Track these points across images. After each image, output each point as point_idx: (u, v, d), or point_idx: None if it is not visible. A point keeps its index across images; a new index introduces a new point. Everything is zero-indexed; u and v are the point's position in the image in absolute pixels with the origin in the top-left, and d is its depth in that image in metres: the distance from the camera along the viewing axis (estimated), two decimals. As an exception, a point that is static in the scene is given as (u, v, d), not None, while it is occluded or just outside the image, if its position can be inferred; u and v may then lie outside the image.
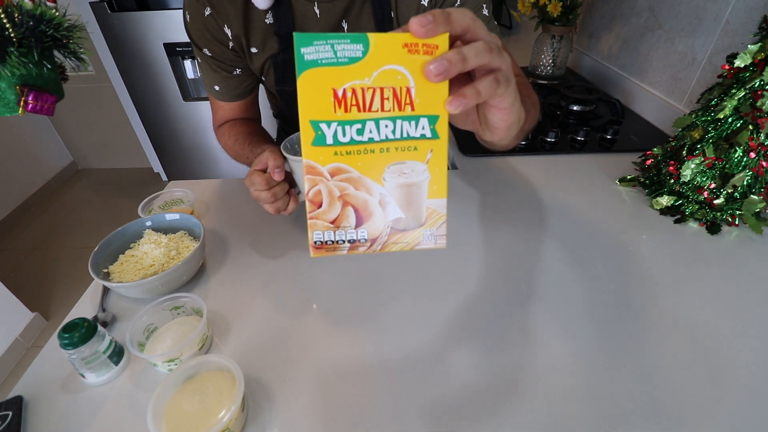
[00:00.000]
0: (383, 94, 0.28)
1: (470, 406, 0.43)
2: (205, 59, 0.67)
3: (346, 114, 0.28)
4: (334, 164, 0.29)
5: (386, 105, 0.28)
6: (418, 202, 0.31)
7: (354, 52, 0.27)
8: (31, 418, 0.44)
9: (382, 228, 0.31)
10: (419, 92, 0.28)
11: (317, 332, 0.52)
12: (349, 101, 0.28)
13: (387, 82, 0.27)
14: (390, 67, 0.27)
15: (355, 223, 0.31)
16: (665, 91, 0.99)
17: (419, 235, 0.31)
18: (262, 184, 0.52)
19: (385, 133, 0.29)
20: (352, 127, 0.28)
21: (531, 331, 0.51)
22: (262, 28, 0.64)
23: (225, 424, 0.38)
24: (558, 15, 1.17)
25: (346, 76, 0.27)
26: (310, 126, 0.28)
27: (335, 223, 0.31)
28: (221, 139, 0.76)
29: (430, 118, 0.29)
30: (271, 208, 0.55)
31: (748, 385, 0.44)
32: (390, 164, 0.29)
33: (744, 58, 0.60)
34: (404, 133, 0.29)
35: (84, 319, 0.45)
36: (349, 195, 0.30)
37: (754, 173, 0.62)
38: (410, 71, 0.27)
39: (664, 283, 0.57)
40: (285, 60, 0.66)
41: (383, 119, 0.28)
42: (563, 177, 0.80)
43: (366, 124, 0.28)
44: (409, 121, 0.28)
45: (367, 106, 0.28)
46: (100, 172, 2.74)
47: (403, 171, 0.30)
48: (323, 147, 0.29)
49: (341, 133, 0.28)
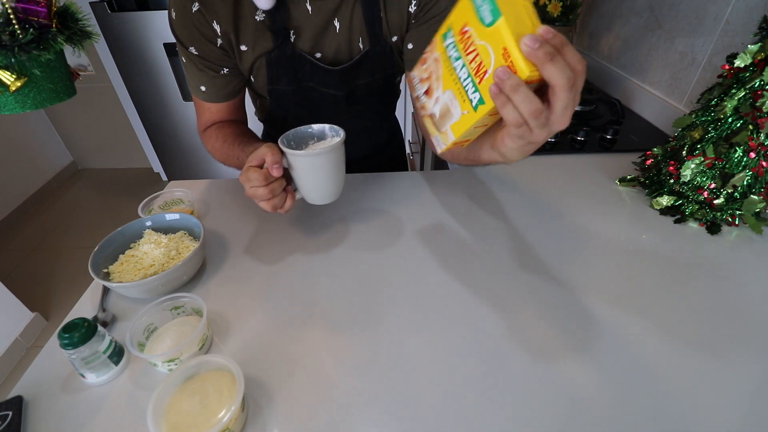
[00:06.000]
0: (476, 57, 0.36)
1: (471, 406, 0.43)
2: (191, 59, 0.65)
3: (459, 42, 0.38)
4: (438, 54, 0.42)
5: (472, 64, 0.37)
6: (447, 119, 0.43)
7: (486, 17, 0.34)
8: (31, 418, 0.44)
9: (429, 107, 0.46)
10: (488, 80, 0.35)
11: (317, 332, 0.52)
12: (465, 38, 0.37)
13: (482, 52, 0.35)
14: (489, 47, 0.35)
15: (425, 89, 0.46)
16: (665, 91, 0.99)
17: (435, 133, 0.46)
18: (259, 180, 0.51)
19: (461, 74, 0.39)
20: (455, 50, 0.39)
21: (530, 331, 0.51)
22: (252, 25, 0.63)
23: (225, 424, 0.38)
24: (558, 15, 1.17)
25: (473, 24, 0.36)
26: (446, 26, 0.40)
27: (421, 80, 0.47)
28: (207, 143, 0.74)
29: (481, 98, 0.37)
30: (268, 205, 0.53)
31: (748, 385, 0.44)
32: (450, 90, 0.41)
33: (744, 58, 0.60)
34: (466, 86, 0.38)
35: (84, 319, 0.45)
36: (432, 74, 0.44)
37: (754, 173, 0.62)
38: (495, 63, 0.34)
39: (664, 283, 0.57)
40: (279, 57, 0.65)
41: (465, 67, 0.38)
42: (563, 177, 0.80)
43: (459, 59, 0.39)
44: (473, 86, 0.38)
45: (466, 51, 0.37)
46: (100, 172, 2.75)
47: (452, 100, 0.41)
48: (442, 42, 0.41)
49: (451, 47, 0.39)
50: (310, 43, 0.66)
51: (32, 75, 0.44)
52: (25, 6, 0.41)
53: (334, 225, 0.70)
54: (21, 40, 0.40)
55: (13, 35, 0.40)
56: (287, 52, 0.65)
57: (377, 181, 0.80)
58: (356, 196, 0.76)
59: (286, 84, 0.69)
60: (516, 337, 0.50)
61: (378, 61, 0.70)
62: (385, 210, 0.73)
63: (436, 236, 0.66)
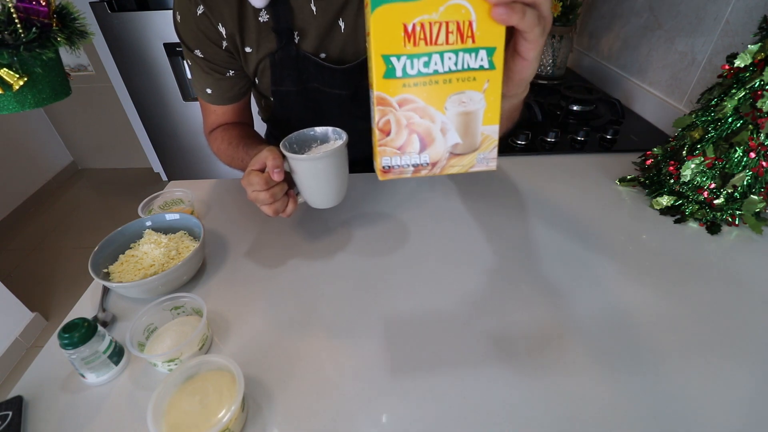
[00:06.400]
0: (448, 27, 0.30)
1: (471, 406, 0.43)
2: (197, 61, 0.66)
3: (414, 48, 0.31)
4: (402, 95, 0.32)
5: (450, 38, 0.31)
6: (474, 128, 0.34)
7: None
8: (31, 418, 0.44)
9: (442, 153, 0.35)
10: (479, 25, 0.30)
11: (318, 332, 0.52)
12: (417, 35, 0.30)
13: (452, 16, 0.30)
14: (455, 1, 0.29)
15: (419, 148, 0.35)
16: (665, 91, 0.99)
17: (474, 158, 0.36)
18: (260, 185, 0.51)
19: (448, 65, 0.31)
20: (420, 59, 0.31)
21: (531, 331, 0.51)
22: (256, 26, 0.63)
23: (225, 424, 0.38)
24: (558, 15, 1.17)
25: (415, 12, 0.29)
26: (381, 60, 0.31)
27: (401, 149, 0.35)
28: (213, 145, 0.75)
29: (488, 50, 0.31)
30: (269, 209, 0.53)
31: (748, 385, 0.44)
32: (451, 94, 0.33)
33: (744, 58, 0.60)
34: (465, 65, 0.32)
35: (84, 319, 0.45)
36: (414, 123, 0.33)
37: (754, 173, 0.62)
38: (472, 5, 0.30)
39: (664, 283, 0.57)
40: (283, 57, 0.65)
41: (447, 52, 0.31)
42: (563, 177, 0.80)
43: (432, 57, 0.31)
44: (470, 53, 0.31)
45: (433, 39, 0.30)
46: (100, 172, 2.74)
47: (462, 100, 0.33)
48: (393, 79, 0.32)
49: (409, 66, 0.31)
50: (315, 44, 0.65)
51: (34, 74, 0.44)
52: (26, 5, 0.41)
53: (335, 225, 0.70)
54: (23, 39, 0.41)
55: (15, 34, 0.41)
56: (291, 53, 0.65)
57: (379, 181, 0.80)
58: (358, 196, 0.76)
59: (290, 85, 0.69)
60: (516, 338, 0.50)
61: None
62: (387, 211, 0.73)
63: (436, 237, 0.66)
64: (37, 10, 0.42)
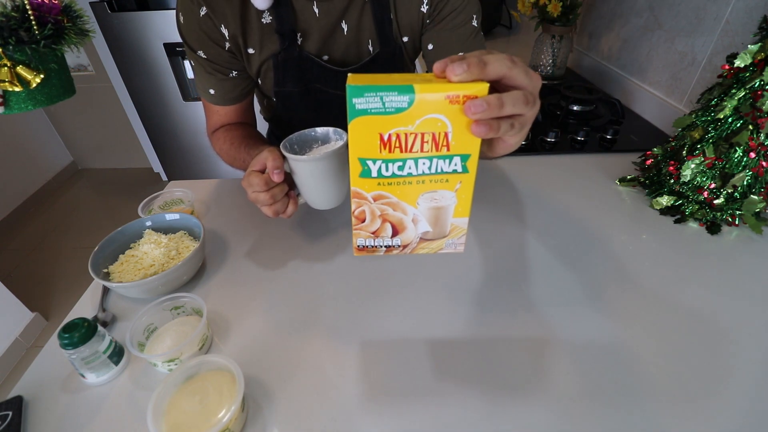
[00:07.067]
0: (423, 138, 0.31)
1: (471, 407, 0.43)
2: (200, 62, 0.66)
3: (389, 154, 0.32)
4: (376, 192, 0.34)
5: (425, 147, 0.32)
6: (444, 220, 0.37)
7: (400, 103, 0.30)
8: (31, 418, 0.44)
9: (412, 238, 0.38)
10: (456, 136, 0.31)
11: (318, 332, 0.52)
12: (393, 144, 0.32)
13: (428, 128, 0.31)
14: (432, 116, 0.30)
15: (391, 233, 0.37)
16: (665, 91, 0.99)
17: (443, 243, 0.38)
18: (260, 186, 0.50)
19: (422, 168, 0.33)
20: (394, 164, 0.33)
21: (530, 333, 0.51)
22: (259, 28, 0.63)
23: (225, 424, 0.38)
24: (558, 15, 1.17)
25: (391, 124, 0.31)
26: (358, 162, 0.33)
27: (375, 234, 0.37)
28: (216, 145, 0.74)
29: (462, 156, 0.32)
30: (270, 210, 0.53)
31: (748, 385, 0.44)
32: (424, 192, 0.34)
33: (744, 58, 0.60)
34: (439, 169, 0.33)
35: (84, 319, 0.45)
36: (387, 214, 0.36)
37: (754, 173, 0.62)
38: (449, 119, 0.30)
39: (664, 283, 0.57)
40: (286, 59, 0.66)
41: (422, 158, 0.32)
42: (563, 177, 0.80)
43: (406, 162, 0.33)
44: (444, 159, 0.32)
45: (408, 148, 0.32)
46: (100, 172, 2.74)
47: (435, 197, 0.35)
48: (368, 179, 0.34)
49: (384, 169, 0.33)
50: (318, 46, 0.66)
51: (50, 70, 0.45)
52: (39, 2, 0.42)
53: (335, 226, 0.70)
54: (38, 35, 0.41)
55: (29, 31, 0.41)
56: (294, 54, 0.65)
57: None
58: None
59: (293, 86, 0.69)
60: (516, 339, 0.50)
61: (387, 64, 0.70)
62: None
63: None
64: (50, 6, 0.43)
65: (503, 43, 1.74)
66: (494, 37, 1.82)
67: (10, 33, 0.40)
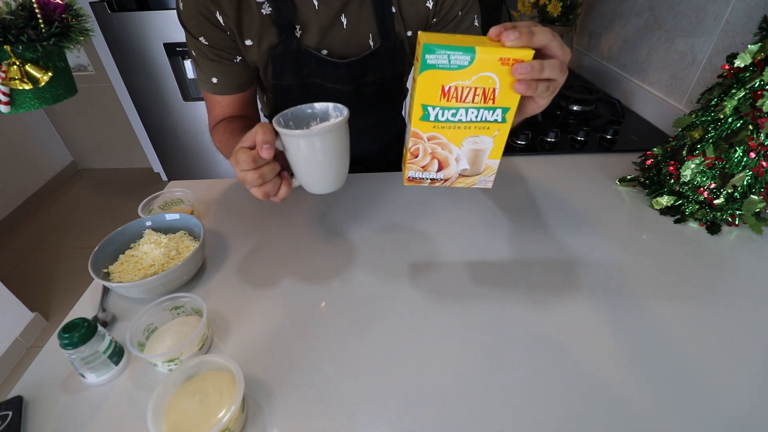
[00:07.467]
0: (476, 91, 0.38)
1: (471, 407, 0.43)
2: (202, 50, 0.64)
3: (447, 102, 0.39)
4: (431, 133, 0.41)
5: (476, 99, 0.39)
6: (481, 160, 0.44)
7: (463, 61, 0.36)
8: (31, 418, 0.44)
9: (453, 173, 0.45)
10: (501, 91, 0.38)
11: (318, 332, 0.52)
12: (451, 94, 0.38)
13: (480, 84, 0.38)
14: (485, 74, 0.37)
15: (437, 168, 0.45)
16: (665, 91, 0.99)
17: (476, 180, 0.46)
18: (248, 163, 0.45)
19: (470, 116, 0.40)
20: (449, 111, 0.40)
21: (531, 332, 0.51)
22: (258, 19, 0.62)
23: (225, 424, 0.38)
24: (558, 15, 1.17)
25: (453, 78, 0.37)
26: (420, 107, 0.39)
27: (424, 168, 0.45)
28: (215, 137, 0.71)
29: (503, 109, 0.40)
30: (259, 192, 0.48)
31: (748, 385, 0.44)
32: (468, 136, 0.42)
33: (744, 58, 0.60)
34: (483, 118, 0.40)
35: (84, 319, 0.45)
36: (437, 152, 0.43)
37: (754, 173, 0.62)
38: (499, 77, 0.37)
39: (664, 283, 0.57)
40: (284, 52, 0.64)
41: (472, 108, 0.39)
42: (563, 177, 0.80)
43: (459, 110, 0.40)
44: (489, 110, 0.40)
45: (462, 98, 0.39)
46: (100, 172, 2.74)
47: (476, 141, 0.42)
48: (426, 122, 0.40)
49: (440, 114, 0.40)
50: (317, 39, 0.65)
51: (57, 68, 0.45)
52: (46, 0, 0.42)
53: (335, 224, 0.70)
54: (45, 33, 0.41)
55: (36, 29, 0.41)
56: (292, 47, 0.64)
57: (383, 181, 0.80)
58: (360, 195, 0.76)
59: (290, 79, 0.69)
60: (516, 338, 0.50)
61: (388, 58, 0.69)
62: (389, 211, 0.73)
63: (437, 237, 0.66)
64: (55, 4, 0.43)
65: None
66: (494, 37, 1.81)
67: (18, 31, 0.40)
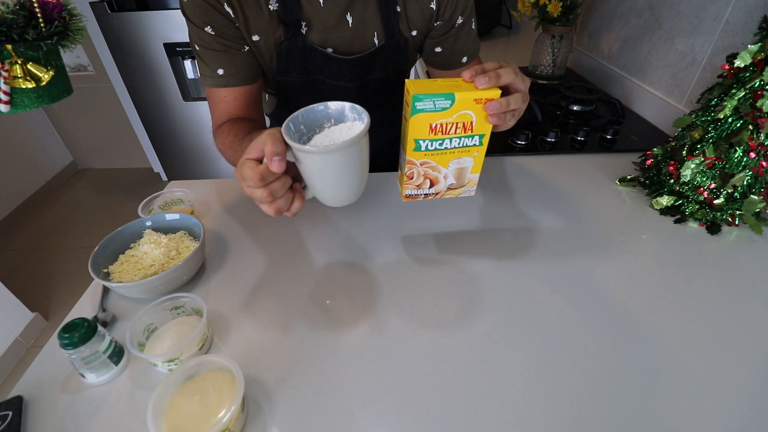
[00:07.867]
0: (457, 125, 0.47)
1: (472, 406, 0.43)
2: (207, 41, 0.61)
3: (434, 136, 0.47)
4: (423, 159, 0.50)
5: (458, 131, 0.47)
6: (464, 176, 0.53)
7: (445, 104, 0.44)
8: (31, 418, 0.44)
9: (442, 188, 0.54)
10: (477, 123, 0.47)
11: (318, 332, 0.52)
12: (437, 130, 0.46)
13: (460, 119, 0.46)
14: (464, 111, 0.45)
15: (429, 186, 0.53)
16: (665, 91, 0.99)
17: (461, 191, 0.55)
18: (254, 180, 0.40)
19: (454, 144, 0.48)
20: (437, 141, 0.48)
21: (530, 332, 0.51)
22: (266, 14, 0.61)
23: (225, 424, 0.38)
24: (558, 15, 1.17)
25: (437, 117, 0.45)
26: (413, 141, 0.47)
27: (418, 187, 0.53)
28: (218, 139, 0.67)
29: (480, 135, 0.48)
30: (270, 209, 0.44)
31: (748, 385, 0.44)
32: (453, 159, 0.50)
33: (744, 58, 0.60)
34: (464, 144, 0.49)
35: (84, 319, 0.45)
36: (428, 173, 0.51)
37: (754, 173, 0.62)
38: (474, 113, 0.46)
39: (663, 283, 0.57)
40: (290, 48, 0.64)
41: (454, 138, 0.48)
42: (563, 177, 0.80)
43: (444, 140, 0.48)
44: (469, 137, 0.48)
45: (446, 132, 0.47)
46: (100, 172, 2.74)
47: (460, 162, 0.51)
48: (419, 152, 0.48)
49: (430, 145, 0.48)
50: (322, 36, 0.65)
51: (58, 67, 0.45)
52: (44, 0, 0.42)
53: (336, 223, 0.70)
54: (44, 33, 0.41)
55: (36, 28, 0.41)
56: (298, 44, 0.64)
57: (383, 181, 0.80)
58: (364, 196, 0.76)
59: (295, 75, 0.68)
60: (516, 338, 0.50)
61: (392, 56, 0.70)
62: (389, 210, 0.73)
63: (437, 236, 0.66)
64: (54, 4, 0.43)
65: (503, 43, 1.74)
66: (494, 37, 1.81)
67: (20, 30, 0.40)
